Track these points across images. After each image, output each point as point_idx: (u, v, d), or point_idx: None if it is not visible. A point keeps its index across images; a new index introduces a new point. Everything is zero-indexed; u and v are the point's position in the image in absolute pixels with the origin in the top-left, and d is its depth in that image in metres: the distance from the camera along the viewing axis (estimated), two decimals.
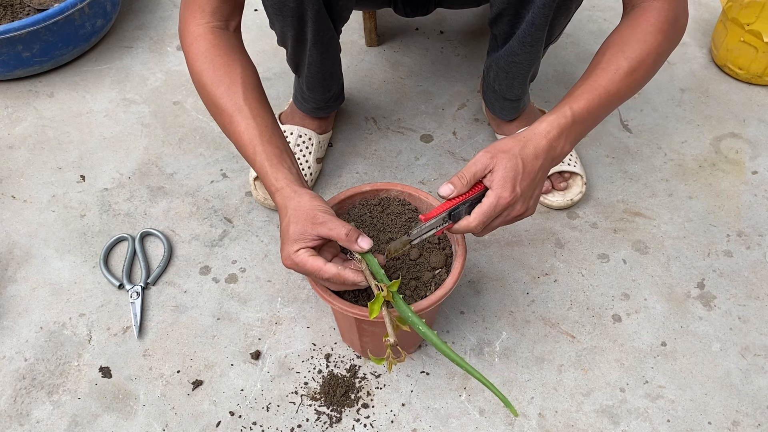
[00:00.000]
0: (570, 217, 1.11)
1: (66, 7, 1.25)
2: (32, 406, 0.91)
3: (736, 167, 1.18)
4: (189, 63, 0.84)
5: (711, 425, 0.88)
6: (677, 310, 1.00)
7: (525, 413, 0.89)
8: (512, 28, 0.92)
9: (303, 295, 1.02)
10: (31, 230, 1.10)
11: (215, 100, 0.81)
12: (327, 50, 0.94)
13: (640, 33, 0.79)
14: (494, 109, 1.13)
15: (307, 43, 0.91)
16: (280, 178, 0.76)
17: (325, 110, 1.13)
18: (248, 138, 0.79)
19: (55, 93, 1.33)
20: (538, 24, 0.86)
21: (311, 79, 1.02)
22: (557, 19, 0.88)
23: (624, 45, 0.79)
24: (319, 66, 0.98)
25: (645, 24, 0.79)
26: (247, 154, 0.80)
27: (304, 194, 0.75)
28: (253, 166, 0.80)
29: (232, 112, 0.80)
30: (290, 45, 0.93)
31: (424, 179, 1.16)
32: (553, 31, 0.91)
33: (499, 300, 1.01)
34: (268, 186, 0.78)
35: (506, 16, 0.90)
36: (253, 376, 0.93)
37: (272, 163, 0.77)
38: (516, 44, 0.92)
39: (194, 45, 0.82)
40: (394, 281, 0.70)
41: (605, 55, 0.79)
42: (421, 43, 1.41)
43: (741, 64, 1.29)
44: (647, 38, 0.79)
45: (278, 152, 0.79)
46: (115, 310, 1.00)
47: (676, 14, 0.80)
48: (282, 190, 0.76)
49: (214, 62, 0.81)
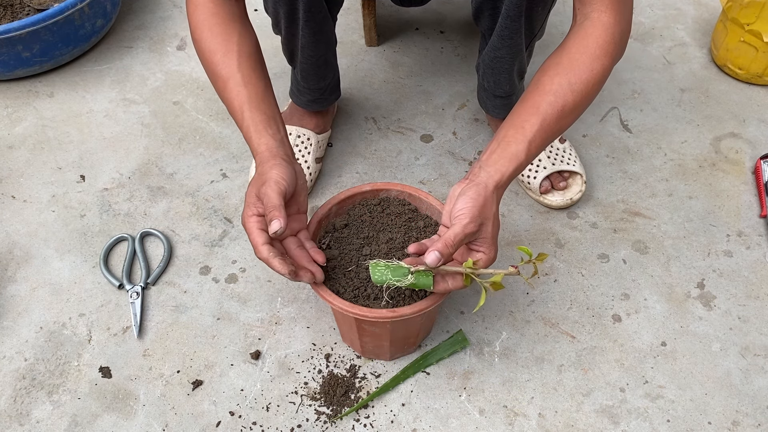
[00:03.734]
0: (570, 217, 1.11)
1: (66, 7, 1.24)
2: (32, 406, 0.91)
3: (736, 167, 1.18)
4: (191, 30, 0.86)
5: (711, 425, 0.88)
6: (677, 310, 1.00)
7: (525, 413, 0.89)
8: (493, 22, 0.92)
9: (303, 295, 1.02)
10: (31, 230, 1.10)
11: (212, 67, 0.84)
12: (320, 31, 0.95)
13: (588, 58, 0.77)
14: (487, 108, 1.13)
15: (299, 21, 0.92)
16: (261, 143, 0.79)
17: (321, 103, 1.13)
18: (238, 104, 0.81)
19: (55, 93, 1.33)
20: (513, 15, 0.86)
21: (305, 66, 1.02)
22: (533, 9, 0.88)
23: (571, 73, 0.76)
24: (313, 50, 0.98)
25: (593, 46, 0.77)
26: (237, 119, 0.82)
27: (277, 163, 0.76)
28: (241, 131, 0.82)
29: (226, 78, 0.82)
30: (283, 27, 0.95)
31: (424, 179, 1.16)
32: (533, 23, 0.91)
33: (499, 300, 1.01)
34: (252, 150, 0.80)
35: (486, 9, 0.92)
36: (253, 376, 0.93)
37: (257, 128, 0.79)
38: (496, 38, 0.92)
39: (195, 13, 0.85)
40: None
41: (554, 84, 0.77)
42: (421, 43, 1.41)
43: (741, 64, 1.29)
44: (594, 65, 0.76)
45: (265, 118, 0.80)
46: (115, 310, 1.00)
47: (622, 29, 0.78)
48: (260, 155, 0.78)
49: (213, 30, 0.83)
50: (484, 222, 0.73)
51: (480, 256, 0.74)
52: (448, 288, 0.74)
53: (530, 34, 0.94)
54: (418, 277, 0.71)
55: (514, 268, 0.70)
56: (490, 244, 0.74)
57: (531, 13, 0.88)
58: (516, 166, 0.75)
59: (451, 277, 0.74)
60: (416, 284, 0.71)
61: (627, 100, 1.29)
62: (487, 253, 0.74)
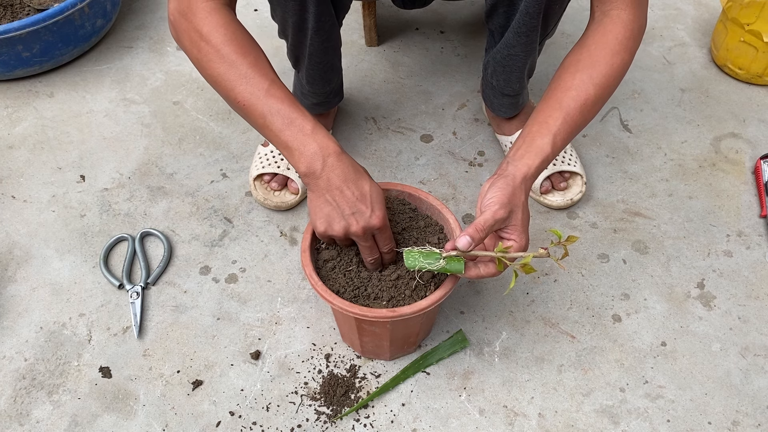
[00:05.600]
0: (570, 217, 1.11)
1: (66, 7, 1.25)
2: (32, 406, 0.91)
3: (736, 167, 1.18)
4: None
5: (711, 425, 0.88)
6: (677, 310, 1.00)
7: (525, 413, 0.89)
8: (507, 20, 0.92)
9: (303, 295, 1.02)
10: (31, 230, 1.10)
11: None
12: (329, 39, 0.94)
13: (608, 54, 0.79)
14: (493, 107, 1.13)
15: (309, 31, 0.91)
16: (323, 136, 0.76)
17: (324, 106, 1.13)
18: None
19: (55, 93, 1.33)
20: (532, 12, 0.86)
21: (312, 71, 1.01)
22: (551, 8, 0.88)
23: (592, 69, 0.79)
24: (320, 56, 0.97)
25: (612, 42, 0.79)
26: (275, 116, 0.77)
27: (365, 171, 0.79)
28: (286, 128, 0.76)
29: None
30: (291, 34, 0.94)
31: (424, 179, 1.16)
32: (548, 22, 0.92)
33: (499, 300, 1.01)
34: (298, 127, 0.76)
35: (501, 7, 0.92)
36: (253, 376, 0.93)
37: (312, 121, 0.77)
38: (512, 36, 0.92)
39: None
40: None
41: (575, 80, 0.79)
42: (421, 43, 1.41)
43: (741, 64, 1.29)
44: (614, 60, 0.79)
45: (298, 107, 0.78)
46: (115, 310, 1.00)
47: (641, 25, 0.81)
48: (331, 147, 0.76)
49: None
50: (514, 209, 0.74)
51: (511, 243, 0.74)
52: (480, 274, 0.75)
53: (544, 32, 0.94)
54: (449, 262, 0.73)
55: (544, 249, 0.71)
56: (521, 231, 0.75)
57: (548, 11, 0.88)
58: (542, 159, 0.77)
59: (483, 263, 0.75)
60: (447, 268, 0.74)
61: (627, 100, 1.29)
62: (518, 240, 0.74)
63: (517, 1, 0.88)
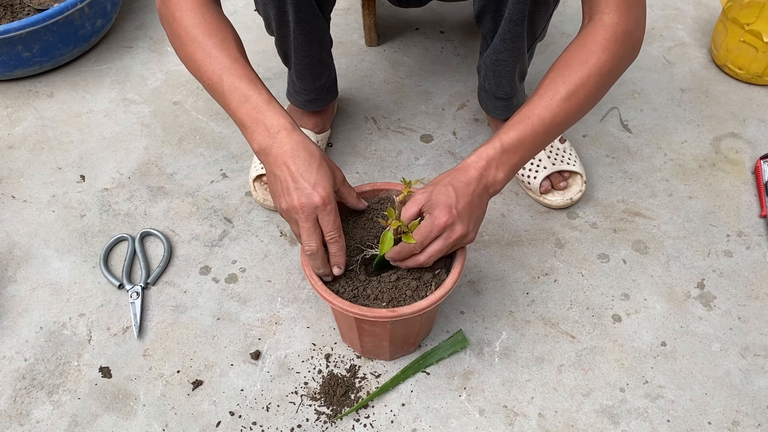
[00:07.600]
0: (570, 217, 1.11)
1: (66, 7, 1.25)
2: (32, 406, 0.91)
3: (736, 167, 1.18)
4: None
5: (711, 425, 0.88)
6: (677, 310, 1.00)
7: (525, 413, 0.89)
8: (495, 25, 0.92)
9: (303, 295, 1.02)
10: (31, 230, 1.10)
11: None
12: (312, 32, 0.95)
13: (583, 54, 0.78)
14: (488, 109, 1.13)
15: (290, 23, 0.91)
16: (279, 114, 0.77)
17: (318, 103, 1.13)
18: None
19: (55, 93, 1.33)
20: (516, 19, 0.86)
21: (299, 66, 1.02)
22: (536, 14, 0.88)
23: (565, 68, 0.79)
24: (306, 50, 0.98)
25: (590, 43, 0.78)
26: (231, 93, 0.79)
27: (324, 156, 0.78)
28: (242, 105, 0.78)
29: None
30: (275, 28, 0.95)
31: (424, 179, 1.16)
32: (535, 27, 0.92)
33: (499, 300, 1.01)
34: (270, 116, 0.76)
35: (488, 12, 0.92)
36: (253, 376, 0.93)
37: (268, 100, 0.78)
38: (498, 42, 0.92)
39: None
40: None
41: (546, 80, 0.79)
42: (421, 43, 1.41)
43: (741, 64, 1.29)
44: (589, 59, 0.78)
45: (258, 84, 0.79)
46: (115, 310, 1.00)
47: (626, 29, 0.78)
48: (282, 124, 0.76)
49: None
50: (433, 191, 0.76)
51: (420, 218, 0.76)
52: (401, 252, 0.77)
53: (532, 37, 0.94)
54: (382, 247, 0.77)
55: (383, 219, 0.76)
56: (442, 208, 0.75)
57: (534, 17, 0.88)
58: (496, 149, 0.78)
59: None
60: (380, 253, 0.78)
61: (627, 100, 1.29)
62: (438, 216, 0.74)
63: (502, 8, 0.88)
